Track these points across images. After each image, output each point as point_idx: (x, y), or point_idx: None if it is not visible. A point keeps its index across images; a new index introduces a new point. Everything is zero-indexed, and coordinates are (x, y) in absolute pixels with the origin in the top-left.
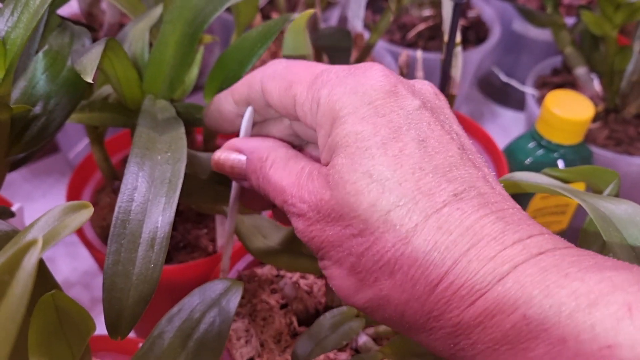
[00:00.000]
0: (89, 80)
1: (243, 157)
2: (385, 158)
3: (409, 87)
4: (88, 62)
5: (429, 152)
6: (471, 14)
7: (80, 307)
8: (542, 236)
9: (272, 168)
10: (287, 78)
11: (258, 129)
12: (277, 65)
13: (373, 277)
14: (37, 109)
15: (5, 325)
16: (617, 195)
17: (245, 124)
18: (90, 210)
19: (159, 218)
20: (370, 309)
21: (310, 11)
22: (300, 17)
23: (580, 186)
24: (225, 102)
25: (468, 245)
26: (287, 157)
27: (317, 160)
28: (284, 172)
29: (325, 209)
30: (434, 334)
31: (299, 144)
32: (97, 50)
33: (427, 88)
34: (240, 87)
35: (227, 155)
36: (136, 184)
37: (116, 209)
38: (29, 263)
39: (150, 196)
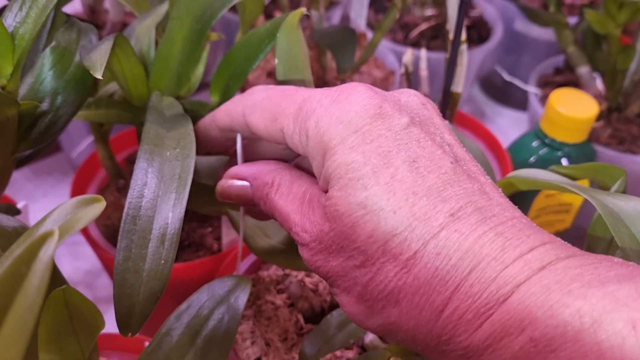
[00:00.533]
0: (99, 76)
1: (247, 184)
2: (378, 187)
3: (395, 104)
4: (97, 58)
5: (421, 172)
6: (473, 13)
7: (90, 302)
8: (543, 247)
9: (277, 193)
10: (269, 110)
11: (251, 147)
12: (256, 96)
13: (380, 305)
14: (45, 106)
15: (22, 317)
16: (624, 192)
17: (239, 151)
18: (102, 204)
19: (169, 214)
20: (382, 333)
21: (302, 10)
22: (292, 16)
23: (584, 184)
24: (210, 129)
25: (469, 268)
26: (292, 180)
27: (313, 174)
28: (288, 198)
29: (326, 240)
30: (446, 356)
31: (294, 157)
32: (107, 46)
33: (413, 99)
34: (223, 117)
35: (231, 183)
36: (146, 180)
37: (126, 204)
38: (46, 254)
39: (160, 192)
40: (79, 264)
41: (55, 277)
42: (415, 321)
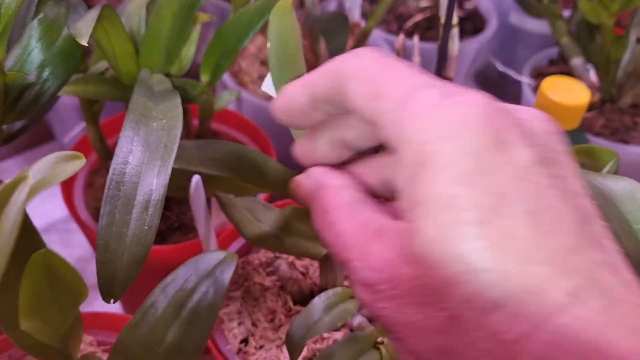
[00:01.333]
0: (84, 43)
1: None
2: (486, 241)
3: (518, 128)
4: (83, 25)
5: (541, 231)
6: (468, 5)
7: (72, 268)
8: None
9: (333, 213)
10: (374, 85)
11: (322, 128)
12: (361, 61)
13: None
14: (31, 77)
15: None
16: (616, 173)
17: (200, 212)
18: (82, 161)
19: (154, 181)
20: None
21: None
22: None
23: None
24: (297, 94)
25: None
26: (351, 202)
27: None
28: (346, 224)
29: (404, 287)
30: None
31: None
32: (93, 14)
33: (537, 124)
34: (320, 79)
35: (304, 180)
36: (131, 147)
37: (110, 170)
38: (19, 198)
39: (145, 159)
40: (70, 251)
41: (32, 236)
42: None
